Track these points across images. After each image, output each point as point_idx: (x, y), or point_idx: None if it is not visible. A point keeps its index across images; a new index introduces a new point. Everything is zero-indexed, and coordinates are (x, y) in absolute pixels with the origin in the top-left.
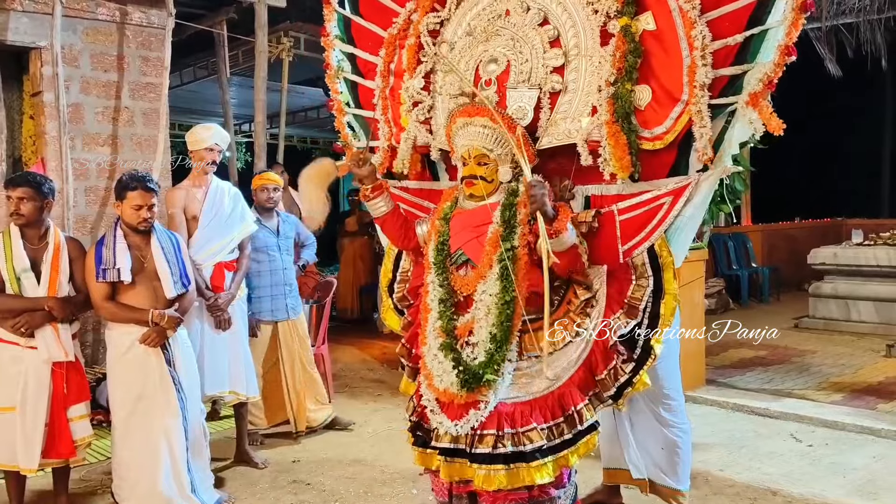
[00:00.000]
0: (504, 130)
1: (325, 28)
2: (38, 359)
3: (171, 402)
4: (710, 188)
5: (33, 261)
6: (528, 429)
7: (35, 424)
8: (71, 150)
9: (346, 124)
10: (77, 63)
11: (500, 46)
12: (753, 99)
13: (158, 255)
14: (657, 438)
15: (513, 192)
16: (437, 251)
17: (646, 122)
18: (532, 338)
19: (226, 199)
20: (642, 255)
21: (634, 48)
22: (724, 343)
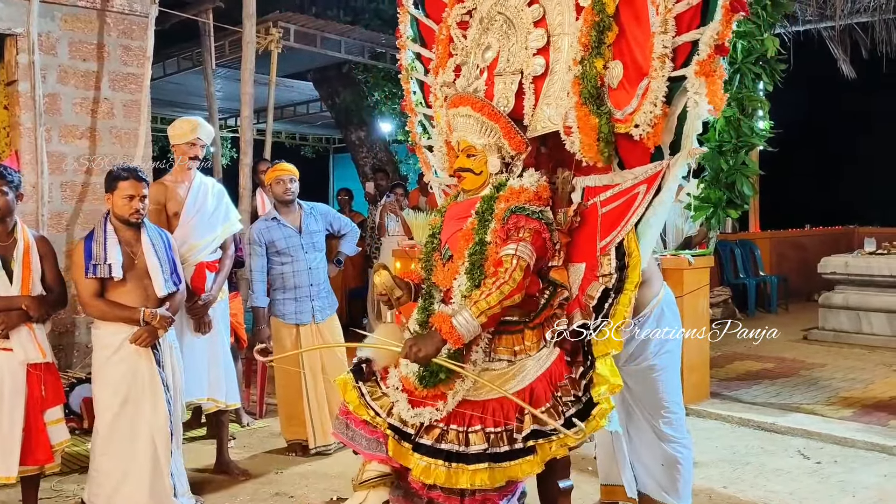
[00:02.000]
0: (486, 119)
1: (399, 30)
2: (13, 360)
3: (160, 404)
4: (679, 173)
5: (3, 259)
6: (474, 430)
7: (12, 430)
8: (47, 143)
9: (418, 123)
10: (54, 51)
11: (495, 33)
12: (702, 67)
13: (149, 252)
14: (656, 454)
15: (499, 185)
16: (426, 244)
17: (618, 102)
18: (509, 340)
19: (209, 196)
20: (610, 251)
21: (601, 20)
22: (730, 355)
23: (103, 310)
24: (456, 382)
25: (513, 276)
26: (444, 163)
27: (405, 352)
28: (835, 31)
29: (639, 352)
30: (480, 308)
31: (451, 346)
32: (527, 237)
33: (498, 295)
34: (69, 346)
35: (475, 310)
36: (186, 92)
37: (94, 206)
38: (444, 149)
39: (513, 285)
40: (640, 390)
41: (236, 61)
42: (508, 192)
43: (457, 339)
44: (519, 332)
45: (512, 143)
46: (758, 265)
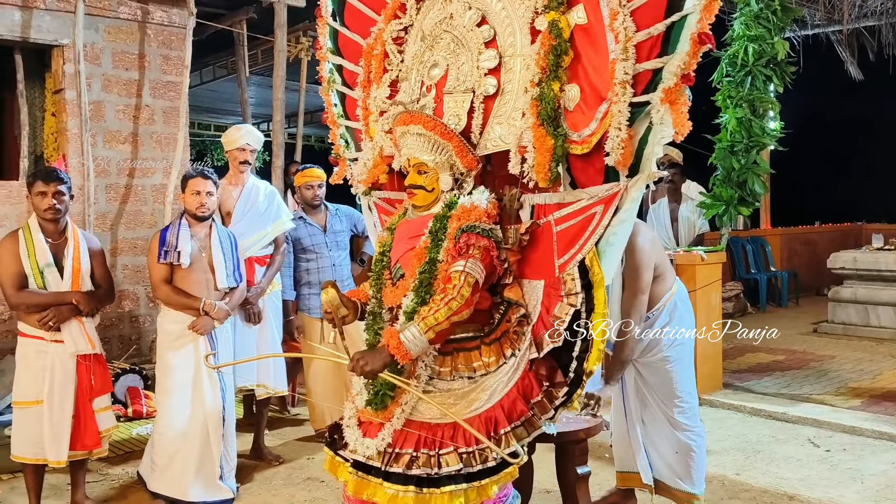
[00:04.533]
0: (439, 137)
1: (318, 41)
2: (64, 352)
3: (215, 391)
4: (639, 196)
5: (55, 256)
6: (447, 451)
7: (62, 417)
8: (92, 148)
9: (340, 136)
10: (99, 61)
11: (441, 50)
12: (667, 94)
13: (216, 248)
14: (670, 442)
15: (450, 203)
16: (376, 262)
17: (575, 124)
18: (468, 357)
19: (260, 197)
20: (573, 271)
21: (559, 45)
22: (741, 347)
23: (169, 294)
24: (402, 400)
25: (461, 292)
26: (363, 175)
27: (352, 365)
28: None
29: (653, 344)
30: (428, 324)
31: (400, 360)
32: (476, 254)
33: (446, 311)
34: (114, 338)
35: (423, 325)
36: (222, 98)
37: (136, 206)
38: (372, 162)
39: (461, 301)
40: (655, 381)
41: (268, 69)
42: (460, 211)
43: (404, 354)
44: (475, 349)
45: (464, 161)
46: (769, 261)
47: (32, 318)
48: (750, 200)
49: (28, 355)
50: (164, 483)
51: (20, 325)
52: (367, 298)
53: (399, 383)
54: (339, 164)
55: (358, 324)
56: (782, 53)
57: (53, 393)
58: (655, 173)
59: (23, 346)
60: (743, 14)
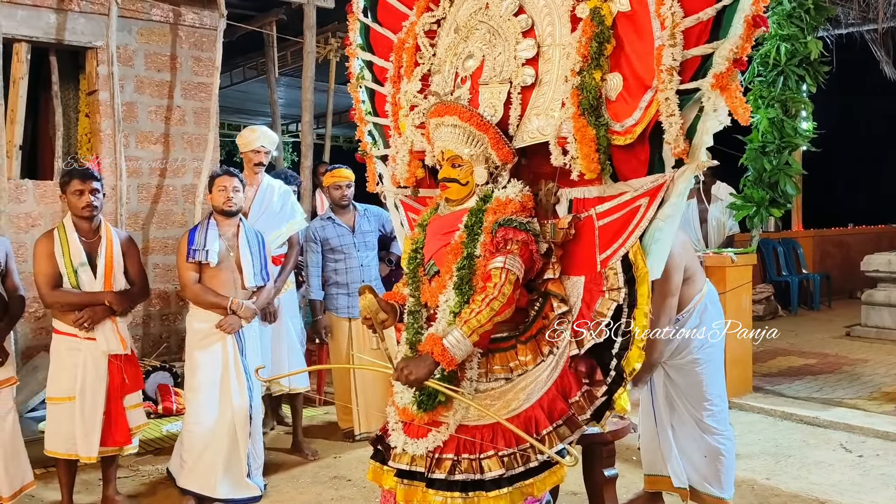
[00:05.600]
0: (474, 129)
1: (349, 37)
2: (96, 350)
3: (242, 389)
4: (686, 187)
5: (88, 255)
6: (487, 455)
7: (94, 413)
8: (124, 148)
9: (367, 133)
10: (132, 63)
11: (477, 41)
12: (719, 81)
13: (244, 247)
14: (699, 445)
15: (485, 196)
16: (409, 260)
17: (617, 114)
18: (503, 357)
19: (275, 197)
20: (616, 265)
21: (601, 32)
22: (772, 350)
23: (197, 292)
24: (454, 403)
25: (502, 290)
26: (404, 172)
27: (396, 374)
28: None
29: (682, 346)
30: (471, 326)
31: (445, 367)
32: (515, 249)
33: (489, 312)
34: (145, 336)
35: (466, 329)
36: (251, 99)
37: (168, 206)
38: (407, 157)
39: (503, 300)
40: (684, 383)
41: (297, 70)
42: (495, 204)
43: (449, 360)
44: (511, 348)
45: (500, 154)
46: (801, 263)
47: (67, 316)
48: (781, 202)
49: (61, 352)
50: (193, 480)
51: (54, 322)
52: (404, 300)
53: (446, 391)
54: (366, 161)
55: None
56: (815, 53)
57: (85, 389)
58: (705, 163)
59: (56, 342)
60: (775, 13)
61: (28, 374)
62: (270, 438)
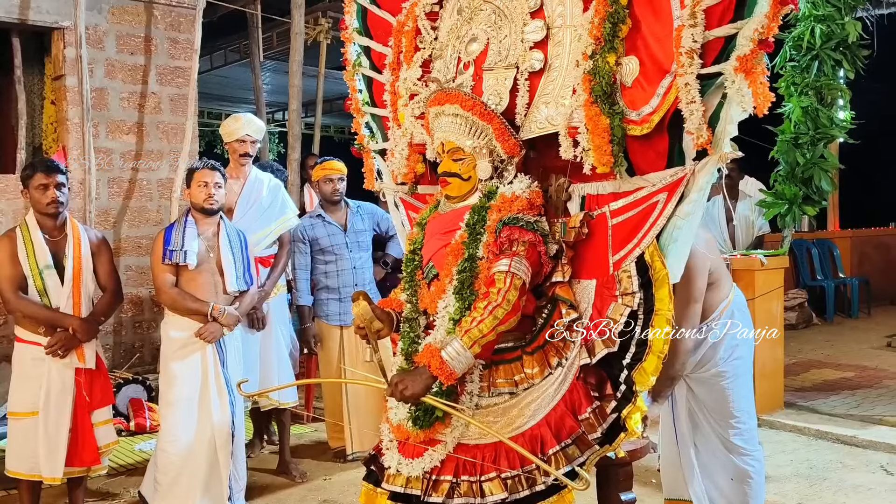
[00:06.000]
0: (477, 119)
1: (344, 21)
2: (59, 361)
3: (224, 404)
4: (708, 181)
5: (55, 255)
6: (489, 477)
7: (58, 430)
8: (94, 139)
9: (365, 125)
10: (102, 45)
11: (481, 23)
12: (743, 64)
13: (225, 248)
14: (726, 467)
15: (489, 192)
16: (406, 261)
17: (633, 101)
18: (508, 370)
19: (263, 192)
20: (629, 268)
21: (615, 12)
22: (805, 362)
23: (174, 297)
24: (452, 419)
25: (507, 297)
26: (403, 167)
27: (390, 390)
28: None
29: (707, 357)
30: (473, 337)
31: (443, 381)
32: (521, 251)
33: (491, 321)
34: (116, 345)
35: (467, 339)
36: (234, 85)
37: (142, 202)
38: (406, 151)
39: (507, 308)
40: (709, 399)
41: (284, 53)
42: (500, 201)
43: (448, 374)
44: (517, 360)
45: (505, 146)
46: (837, 266)
47: (30, 326)
48: (816, 199)
49: (24, 362)
50: (169, 502)
51: (17, 330)
52: (401, 307)
53: (445, 409)
54: (363, 156)
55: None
56: (853, 35)
57: (50, 404)
58: (729, 154)
59: (19, 352)
60: None
61: None
62: (255, 458)
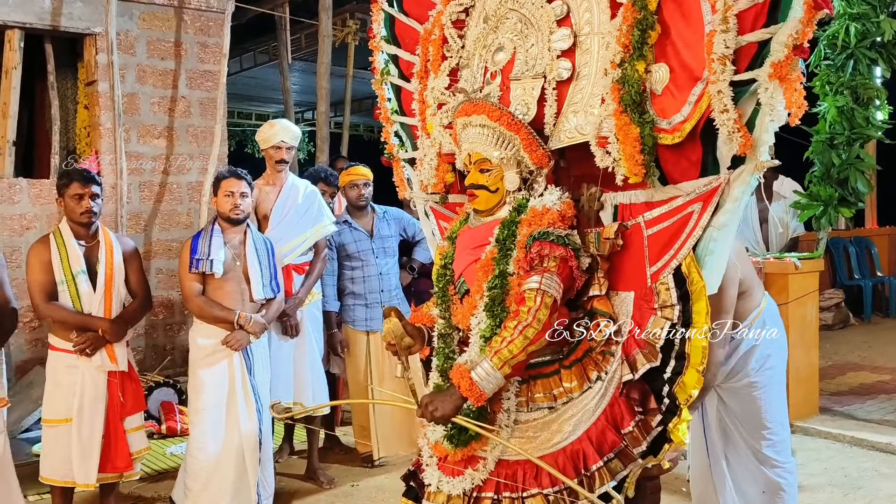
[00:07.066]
0: (505, 129)
1: (371, 29)
2: (94, 368)
3: (251, 412)
4: (744, 191)
5: (88, 261)
6: (531, 494)
7: (92, 437)
8: (125, 143)
9: (394, 134)
10: (133, 50)
11: (507, 32)
12: (777, 70)
13: (251, 255)
14: (757, 479)
15: (519, 206)
16: (438, 276)
17: (663, 109)
18: (546, 384)
19: (299, 198)
20: (667, 279)
21: (644, 18)
22: (842, 365)
23: (201, 306)
24: (488, 442)
25: (537, 316)
26: (432, 177)
27: (420, 411)
28: None
29: (738, 368)
30: (503, 357)
31: (473, 402)
32: (552, 267)
33: (522, 340)
34: (148, 348)
35: (497, 360)
36: (263, 86)
37: (172, 206)
38: (435, 161)
39: (538, 327)
40: (740, 409)
41: (313, 54)
42: (531, 215)
43: (478, 395)
44: (554, 374)
45: (533, 157)
46: (875, 265)
47: (62, 333)
48: (852, 200)
49: (58, 370)
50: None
51: (51, 338)
52: (432, 322)
53: (477, 429)
54: (392, 165)
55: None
56: (889, 33)
57: (83, 411)
58: (765, 162)
59: (53, 360)
60: None
61: (22, 390)
62: (283, 464)
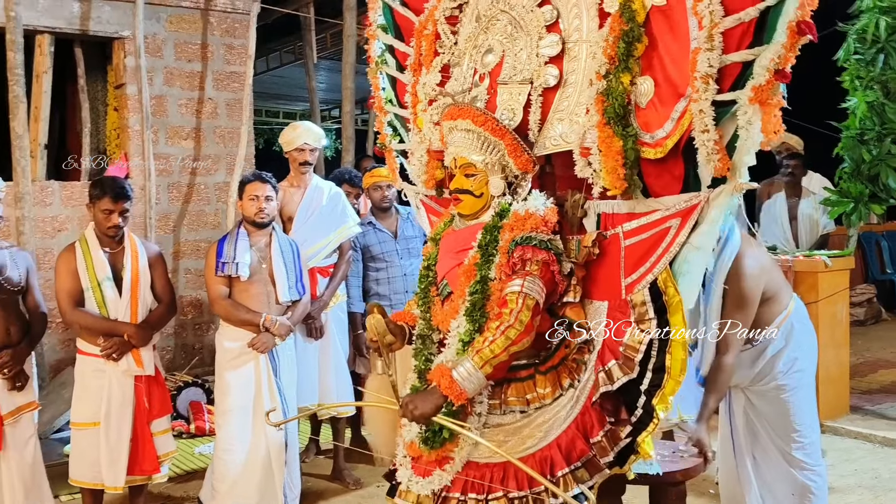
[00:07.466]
0: (489, 134)
1: (368, 17)
2: (118, 371)
3: (276, 413)
4: (722, 210)
5: (113, 267)
6: (496, 497)
7: (120, 439)
8: (154, 145)
9: (387, 124)
10: (160, 53)
11: (497, 34)
12: (758, 94)
13: (277, 258)
14: (786, 482)
15: (502, 210)
16: (421, 277)
17: (647, 123)
18: (520, 388)
19: (323, 200)
20: (643, 292)
21: (631, 30)
22: (873, 362)
23: (227, 309)
24: (462, 438)
25: (519, 317)
26: (422, 173)
27: (402, 411)
28: None
29: (765, 371)
30: (484, 357)
31: (454, 402)
32: (534, 271)
33: (503, 341)
34: (177, 347)
35: (478, 359)
36: (289, 84)
37: (200, 206)
38: (425, 157)
39: (520, 328)
40: (769, 412)
41: (338, 53)
42: (513, 220)
43: (458, 394)
44: (530, 378)
45: (518, 162)
46: None
47: (89, 338)
48: (883, 196)
49: (86, 374)
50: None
51: (78, 342)
52: (414, 321)
53: (454, 428)
54: (385, 154)
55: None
56: None
57: (111, 415)
58: (743, 184)
59: (81, 364)
60: None
61: (55, 390)
62: (309, 464)
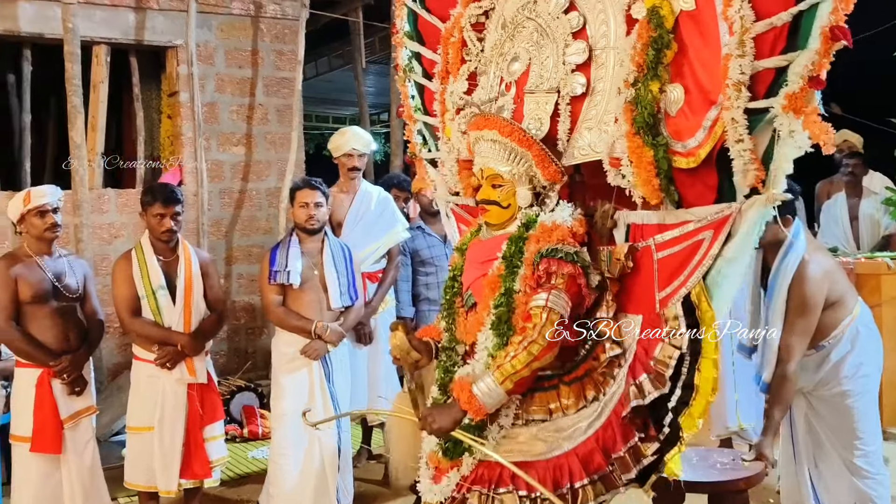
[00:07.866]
0: (516, 145)
1: (395, 25)
2: (172, 379)
3: (312, 413)
4: (756, 221)
5: (167, 275)
6: (504, 491)
7: (173, 444)
8: (206, 151)
9: (417, 132)
10: (212, 60)
11: (523, 41)
12: (791, 101)
13: (329, 264)
14: (847, 490)
15: (528, 221)
16: (446, 288)
17: (678, 131)
18: (543, 397)
19: (372, 205)
20: (676, 306)
21: (659, 37)
22: None
23: (280, 317)
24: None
25: (542, 332)
26: (456, 182)
27: (421, 424)
28: None
29: (830, 376)
30: (505, 373)
31: (472, 417)
32: (560, 284)
33: (526, 356)
34: (230, 351)
35: (499, 374)
36: (339, 89)
37: (251, 212)
38: (456, 167)
39: (543, 343)
40: (832, 418)
41: (387, 56)
42: (540, 231)
43: (477, 409)
44: (554, 388)
45: (545, 173)
46: None
47: (145, 345)
48: None
49: (141, 379)
50: None
51: (134, 348)
52: (440, 336)
53: (472, 443)
54: (415, 163)
55: None
56: None
57: (164, 419)
58: (778, 195)
59: (136, 369)
60: None
61: (112, 393)
62: (361, 469)
